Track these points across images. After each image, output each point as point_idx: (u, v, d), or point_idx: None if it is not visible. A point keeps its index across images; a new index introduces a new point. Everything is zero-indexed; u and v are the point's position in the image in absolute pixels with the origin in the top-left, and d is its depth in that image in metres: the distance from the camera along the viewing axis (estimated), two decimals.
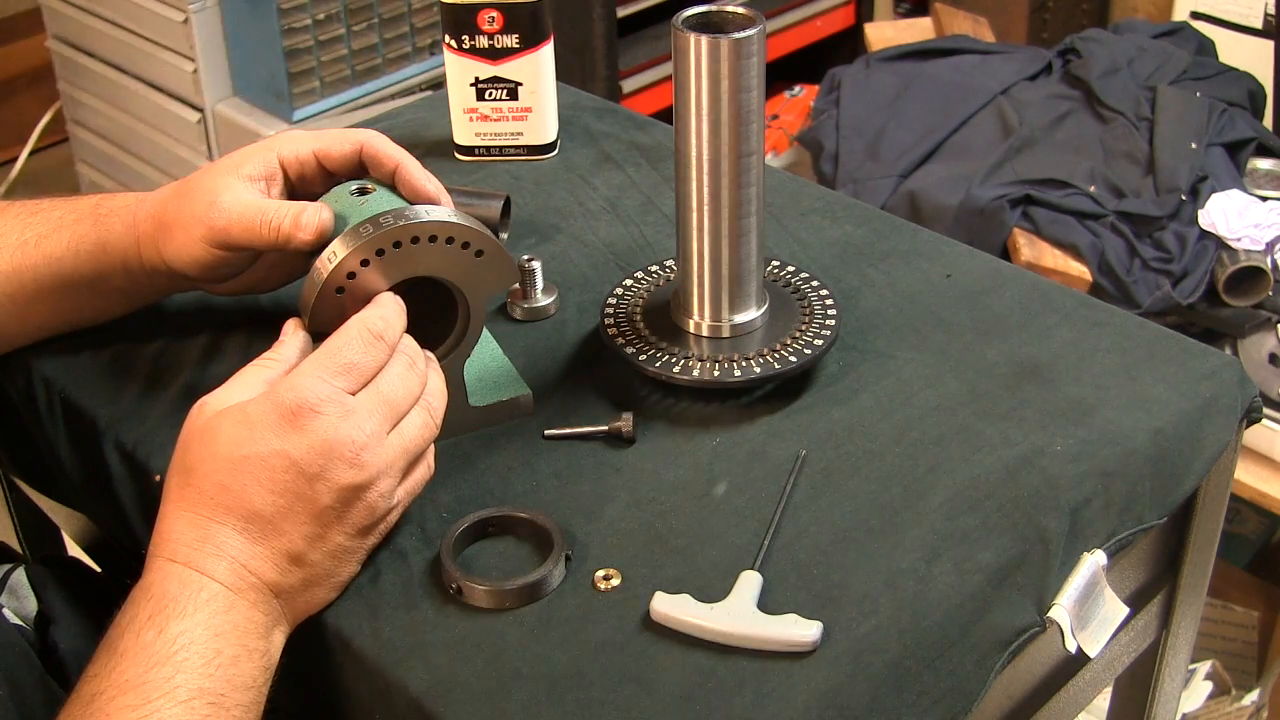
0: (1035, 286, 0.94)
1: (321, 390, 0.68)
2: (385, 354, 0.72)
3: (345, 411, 0.68)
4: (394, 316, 0.73)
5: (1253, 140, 1.78)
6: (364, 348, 0.70)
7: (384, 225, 0.73)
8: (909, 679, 0.66)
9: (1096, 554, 0.76)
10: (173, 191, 0.84)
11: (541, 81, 1.08)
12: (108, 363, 0.89)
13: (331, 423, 0.68)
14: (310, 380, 0.69)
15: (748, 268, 0.83)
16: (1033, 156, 1.76)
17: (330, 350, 0.70)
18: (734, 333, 0.84)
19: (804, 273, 0.89)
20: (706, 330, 0.84)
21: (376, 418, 0.69)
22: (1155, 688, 0.98)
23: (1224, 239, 1.63)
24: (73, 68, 2.43)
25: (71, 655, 0.82)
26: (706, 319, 0.84)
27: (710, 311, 0.84)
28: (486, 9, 1.04)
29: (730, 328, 0.84)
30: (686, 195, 0.81)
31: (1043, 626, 0.73)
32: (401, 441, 0.71)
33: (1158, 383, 0.84)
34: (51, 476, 0.93)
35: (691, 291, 0.84)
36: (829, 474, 0.78)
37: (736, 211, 0.80)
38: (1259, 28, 2.08)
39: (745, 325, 0.84)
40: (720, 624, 0.67)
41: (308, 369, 0.70)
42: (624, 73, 2.22)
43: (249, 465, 0.67)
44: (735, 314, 0.84)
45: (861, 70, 2.00)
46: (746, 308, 0.84)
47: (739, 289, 0.83)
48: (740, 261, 0.82)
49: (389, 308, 0.73)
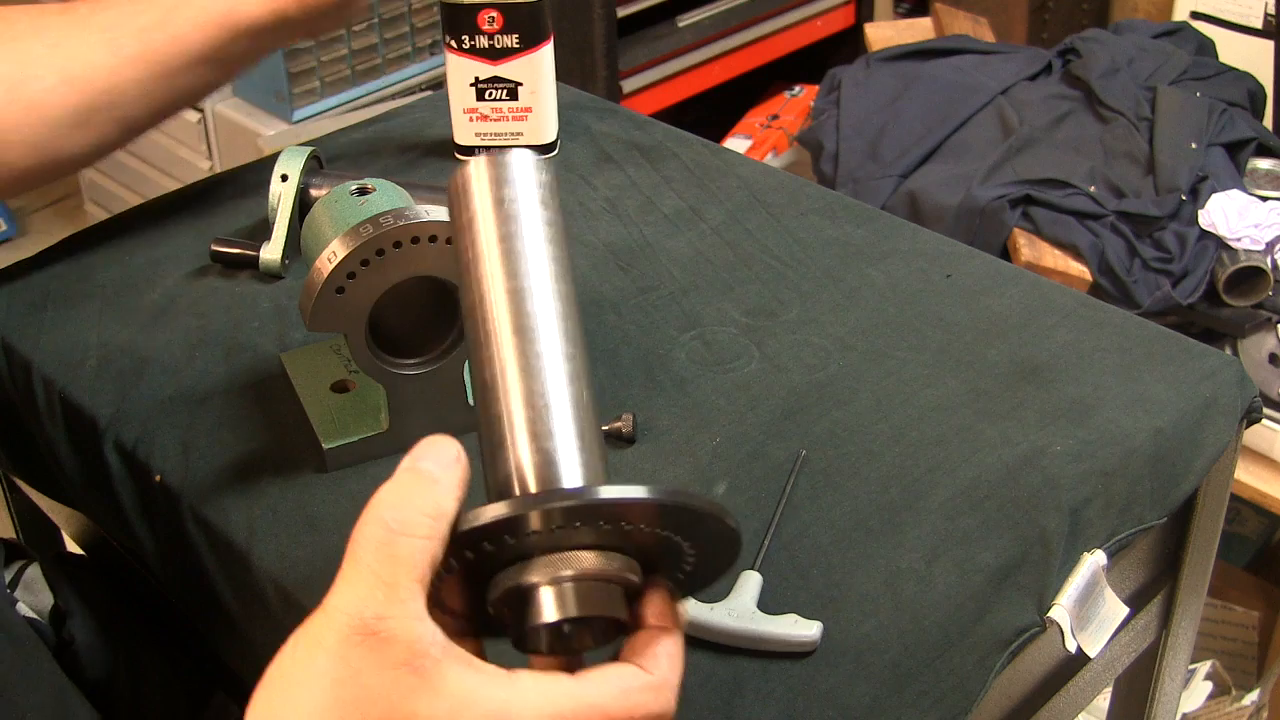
0: (1035, 286, 0.94)
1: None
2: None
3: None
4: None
5: (1253, 140, 1.78)
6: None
7: (384, 225, 0.73)
8: (909, 679, 0.66)
9: (1096, 554, 0.76)
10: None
11: (541, 82, 1.08)
12: (108, 363, 0.89)
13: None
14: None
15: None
16: (1033, 156, 1.76)
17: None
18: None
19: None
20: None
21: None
22: (1155, 688, 0.98)
23: (1224, 239, 1.63)
24: None
25: (86, 649, 0.84)
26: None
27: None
28: (487, 9, 1.04)
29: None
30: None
31: (1043, 626, 0.73)
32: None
33: (1158, 383, 0.84)
34: (51, 476, 0.93)
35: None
36: (829, 474, 0.78)
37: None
38: (1259, 28, 2.08)
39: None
40: (720, 624, 0.67)
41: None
42: (624, 73, 2.22)
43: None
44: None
45: (861, 70, 2.00)
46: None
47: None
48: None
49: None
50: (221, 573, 0.78)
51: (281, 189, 0.96)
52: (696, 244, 1.00)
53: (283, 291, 0.96)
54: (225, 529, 0.76)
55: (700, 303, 0.93)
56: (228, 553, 0.77)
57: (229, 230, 1.03)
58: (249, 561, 0.75)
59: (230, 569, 0.77)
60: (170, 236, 1.02)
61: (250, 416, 0.84)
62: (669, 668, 0.51)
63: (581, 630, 0.52)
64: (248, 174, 1.07)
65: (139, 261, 1.00)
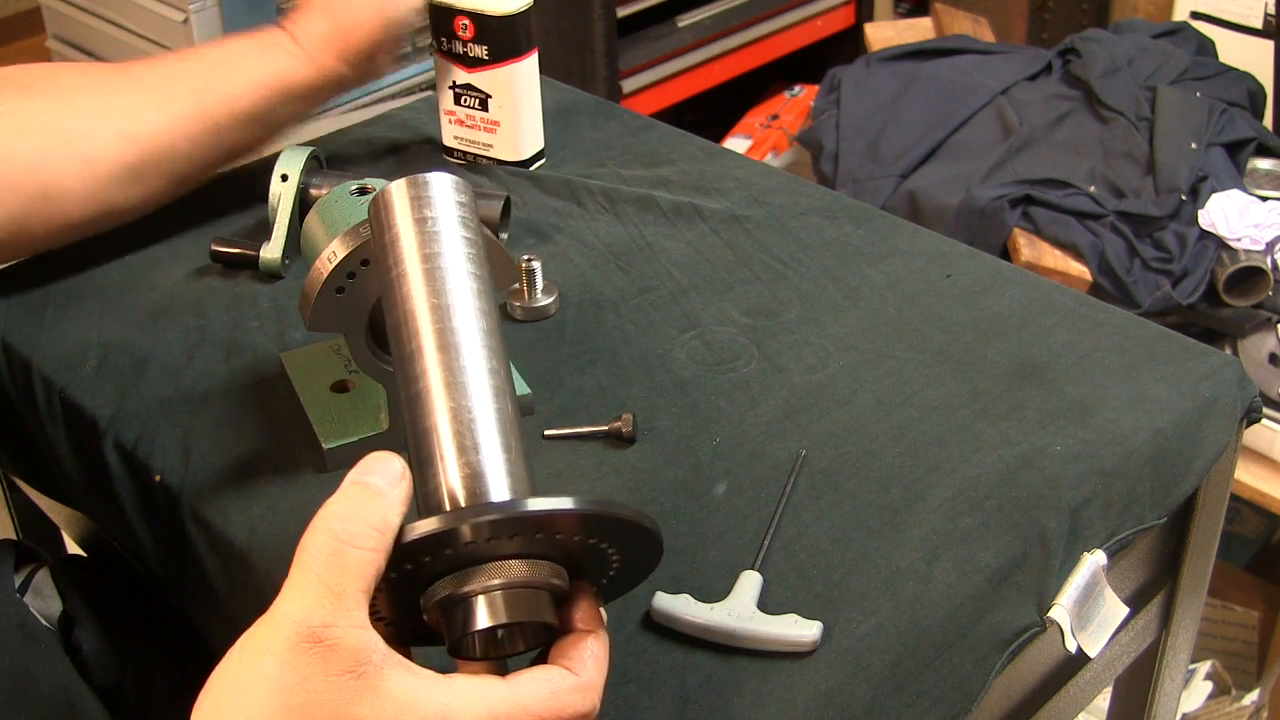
0: (1035, 286, 0.94)
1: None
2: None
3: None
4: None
5: (1253, 140, 1.78)
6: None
7: None
8: (909, 679, 0.66)
9: (1096, 554, 0.76)
10: (320, 7, 0.99)
11: (510, 97, 1.06)
12: (108, 363, 0.89)
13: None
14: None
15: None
16: (1033, 156, 1.76)
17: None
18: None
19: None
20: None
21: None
22: (1155, 688, 0.98)
23: (1224, 239, 1.63)
24: None
25: (93, 656, 0.85)
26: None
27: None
28: (461, 15, 1.04)
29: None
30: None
31: (1043, 626, 0.73)
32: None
33: (1158, 383, 0.84)
34: (51, 476, 0.93)
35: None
36: (829, 474, 0.78)
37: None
38: (1259, 28, 2.08)
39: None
40: (720, 624, 0.67)
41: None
42: (624, 73, 2.22)
43: None
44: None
45: (861, 70, 2.00)
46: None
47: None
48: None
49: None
50: (221, 573, 0.78)
51: (281, 189, 0.96)
52: (696, 244, 1.00)
53: (283, 291, 0.96)
54: (225, 529, 0.76)
55: (700, 303, 0.93)
56: (228, 553, 0.77)
57: (229, 230, 1.03)
58: (249, 561, 0.75)
59: (230, 569, 0.77)
60: (170, 236, 1.02)
61: (250, 416, 0.84)
62: (595, 669, 0.54)
63: (513, 635, 0.54)
64: (248, 174, 1.07)
65: (139, 261, 1.00)
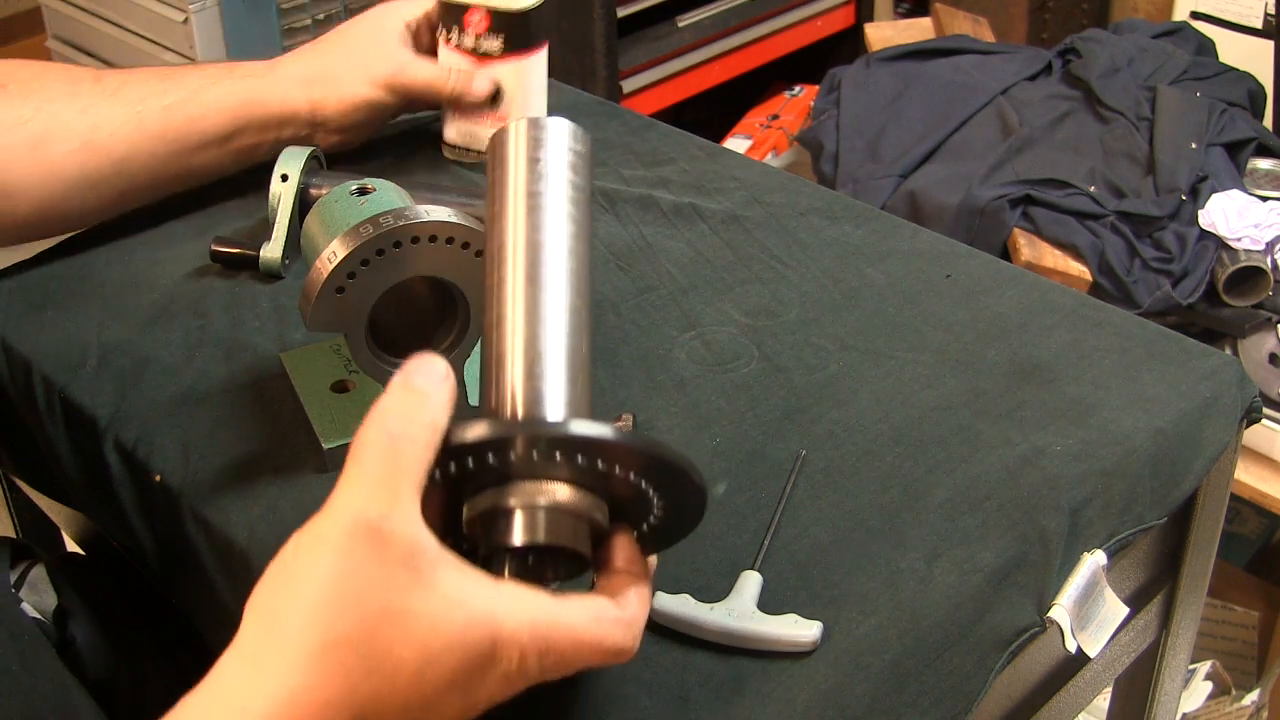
0: (1035, 286, 0.94)
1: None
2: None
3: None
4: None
5: (1253, 140, 1.78)
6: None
7: (384, 225, 0.73)
8: (909, 679, 0.66)
9: (1096, 554, 0.76)
10: (331, 47, 1.02)
11: (523, 90, 1.06)
12: (108, 363, 0.89)
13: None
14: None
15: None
16: (1033, 156, 1.76)
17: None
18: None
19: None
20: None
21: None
22: (1155, 688, 0.98)
23: (1224, 239, 1.63)
24: None
25: (88, 650, 0.85)
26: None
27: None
28: (474, 8, 1.04)
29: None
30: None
31: (1043, 626, 0.73)
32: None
33: (1158, 383, 0.84)
34: (51, 476, 0.93)
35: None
36: (829, 474, 0.78)
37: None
38: (1259, 28, 2.08)
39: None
40: (720, 624, 0.67)
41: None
42: (624, 73, 2.22)
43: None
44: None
45: (861, 70, 2.00)
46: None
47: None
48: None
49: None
50: (221, 573, 0.78)
51: (281, 189, 0.96)
52: (696, 244, 1.00)
53: (283, 291, 0.96)
54: (225, 529, 0.76)
55: (700, 303, 0.93)
56: (228, 553, 0.77)
57: (229, 230, 1.03)
58: (249, 561, 0.75)
59: (230, 569, 0.77)
60: (170, 236, 1.02)
61: (250, 416, 0.84)
62: (639, 609, 0.55)
63: (544, 561, 0.55)
64: (248, 174, 1.07)
65: (139, 261, 1.00)
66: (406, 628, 0.50)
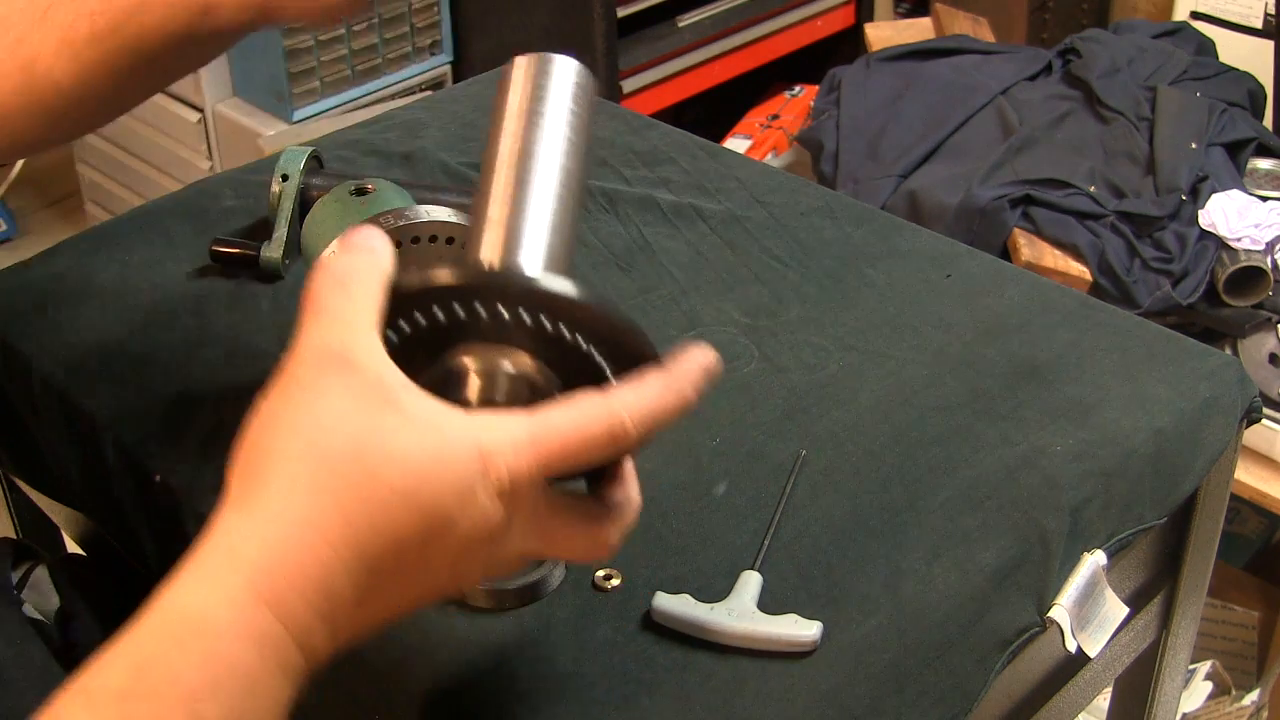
0: (1035, 286, 0.94)
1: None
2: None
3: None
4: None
5: (1253, 140, 1.78)
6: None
7: (384, 225, 0.73)
8: (909, 679, 0.66)
9: (1096, 554, 0.76)
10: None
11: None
12: (108, 362, 0.89)
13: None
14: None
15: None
16: (1033, 156, 1.76)
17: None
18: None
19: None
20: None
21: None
22: (1155, 688, 0.98)
23: (1224, 239, 1.63)
24: None
25: (89, 649, 0.84)
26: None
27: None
28: None
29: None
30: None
31: (1043, 626, 0.73)
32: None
33: (1158, 383, 0.84)
34: (52, 476, 0.93)
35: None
36: (829, 474, 0.78)
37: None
38: (1259, 28, 2.08)
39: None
40: (720, 624, 0.67)
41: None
42: (624, 73, 2.22)
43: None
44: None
45: (861, 70, 2.00)
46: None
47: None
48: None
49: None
50: None
51: (281, 189, 0.96)
52: (696, 244, 1.00)
53: (283, 291, 0.96)
54: None
55: (700, 303, 0.93)
56: None
57: (229, 230, 1.03)
58: None
59: None
60: (170, 236, 1.02)
61: None
62: (630, 395, 0.53)
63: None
64: (248, 174, 1.07)
65: (139, 261, 1.00)
66: (388, 449, 0.49)
